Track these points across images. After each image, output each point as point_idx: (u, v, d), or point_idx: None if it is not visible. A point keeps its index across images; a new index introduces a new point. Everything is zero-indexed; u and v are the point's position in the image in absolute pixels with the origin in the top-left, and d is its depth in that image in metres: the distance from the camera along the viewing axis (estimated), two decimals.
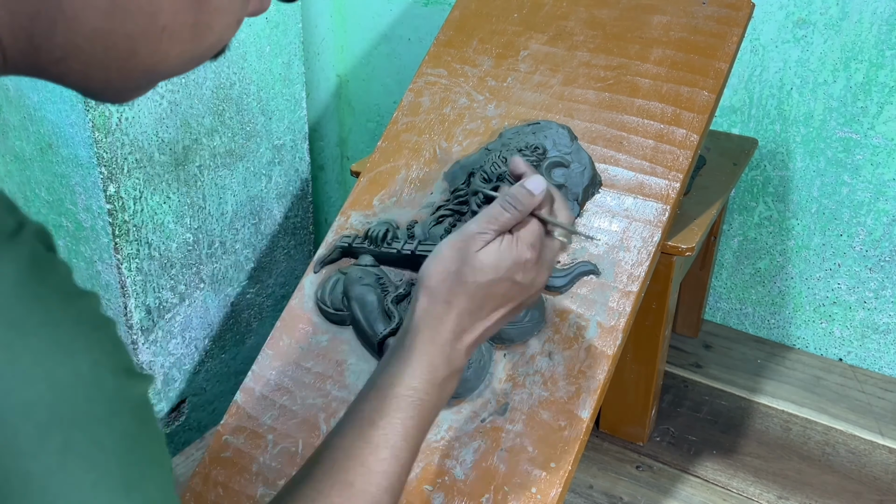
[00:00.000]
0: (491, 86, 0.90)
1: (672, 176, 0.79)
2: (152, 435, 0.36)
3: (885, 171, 1.04)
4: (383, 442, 0.53)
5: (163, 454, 0.37)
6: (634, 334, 0.87)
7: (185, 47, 0.41)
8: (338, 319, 0.80)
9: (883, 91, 1.00)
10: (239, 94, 1.03)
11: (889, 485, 0.92)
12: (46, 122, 0.88)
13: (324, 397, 0.77)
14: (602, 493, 0.92)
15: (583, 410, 0.69)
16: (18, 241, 0.33)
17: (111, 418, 0.34)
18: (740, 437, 1.00)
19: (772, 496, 0.91)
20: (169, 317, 1.02)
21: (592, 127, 0.84)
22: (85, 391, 0.33)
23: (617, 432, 1.00)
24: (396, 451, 0.53)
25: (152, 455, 0.36)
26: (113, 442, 0.33)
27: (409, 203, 0.85)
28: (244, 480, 0.75)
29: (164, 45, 0.40)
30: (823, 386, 1.09)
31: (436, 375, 0.56)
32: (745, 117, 1.11)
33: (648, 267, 0.75)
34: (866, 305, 1.12)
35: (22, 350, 0.31)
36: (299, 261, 1.24)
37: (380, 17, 1.34)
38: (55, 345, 0.32)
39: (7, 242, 0.33)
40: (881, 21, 0.98)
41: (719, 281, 1.22)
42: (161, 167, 0.94)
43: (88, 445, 0.33)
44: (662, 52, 0.86)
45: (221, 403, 1.14)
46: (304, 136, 1.17)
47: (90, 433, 0.33)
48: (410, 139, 0.90)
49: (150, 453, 0.36)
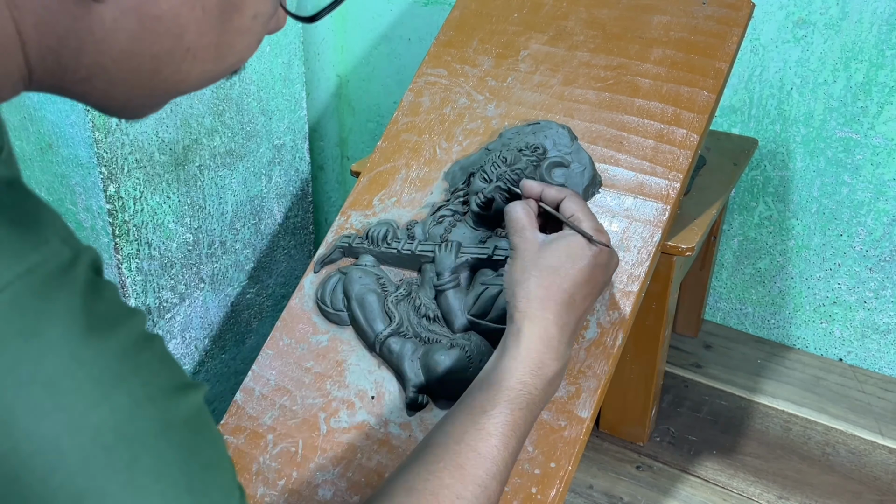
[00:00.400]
0: (491, 86, 0.90)
1: (672, 176, 0.79)
2: (209, 440, 0.39)
3: (885, 171, 1.04)
4: (494, 430, 0.56)
5: (221, 457, 0.39)
6: (634, 334, 0.87)
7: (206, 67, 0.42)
8: (338, 319, 0.80)
9: (883, 91, 1.00)
10: (239, 94, 1.03)
11: (889, 485, 0.92)
12: (46, 122, 0.88)
13: (324, 397, 0.77)
14: (602, 493, 0.92)
15: (583, 410, 0.69)
16: (74, 274, 0.35)
17: (168, 432, 0.36)
18: (740, 437, 1.00)
19: (772, 496, 0.91)
20: (169, 317, 1.02)
21: (592, 127, 0.84)
22: (141, 411, 0.35)
23: (617, 432, 1.00)
24: (506, 440, 0.56)
25: (210, 460, 0.38)
26: (173, 453, 0.36)
27: (408, 203, 0.86)
28: (244, 480, 0.75)
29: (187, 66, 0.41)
30: (823, 386, 1.09)
31: (544, 371, 0.59)
32: (745, 117, 1.11)
33: (648, 267, 0.75)
34: (866, 305, 1.12)
35: (84, 379, 0.34)
36: (299, 261, 1.24)
37: (380, 17, 1.34)
38: (109, 371, 0.35)
39: (64, 277, 0.35)
40: (881, 21, 0.98)
41: (719, 281, 1.22)
42: (161, 167, 0.94)
43: (152, 459, 0.35)
44: (662, 52, 0.86)
45: (221, 403, 1.14)
46: (304, 136, 1.17)
47: (152, 448, 0.35)
48: (410, 139, 0.90)
49: (208, 458, 0.38)
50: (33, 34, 0.37)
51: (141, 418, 0.35)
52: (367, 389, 0.76)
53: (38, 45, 0.37)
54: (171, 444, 0.36)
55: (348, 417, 0.75)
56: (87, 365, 0.34)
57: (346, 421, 0.75)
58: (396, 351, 0.75)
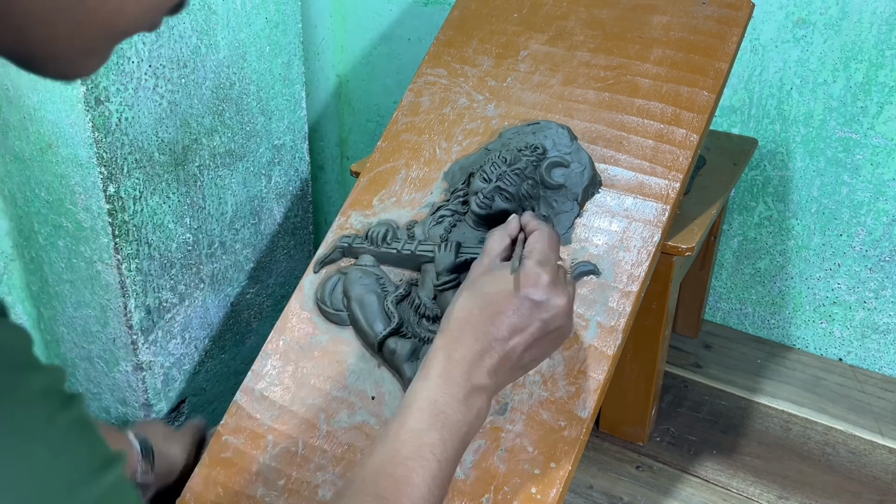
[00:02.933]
0: (491, 86, 0.90)
1: (672, 176, 0.79)
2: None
3: (884, 171, 1.04)
4: (409, 453, 0.54)
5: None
6: (634, 334, 0.87)
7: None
8: (338, 319, 0.80)
9: (883, 91, 1.00)
10: (239, 94, 1.03)
11: (889, 485, 0.92)
12: (46, 122, 0.88)
13: (324, 397, 0.76)
14: (602, 493, 0.92)
15: (583, 410, 0.69)
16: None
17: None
18: (740, 437, 1.00)
19: (772, 496, 0.91)
20: (169, 317, 1.02)
21: (592, 127, 0.84)
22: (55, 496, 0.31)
23: (617, 432, 1.00)
24: (424, 463, 0.53)
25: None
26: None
27: (408, 203, 0.85)
28: (244, 480, 0.75)
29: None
30: (823, 386, 1.09)
31: (455, 390, 0.57)
32: (745, 117, 1.11)
33: (648, 267, 0.75)
34: (866, 305, 1.12)
35: None
36: (299, 261, 1.24)
37: (380, 17, 1.34)
38: (13, 464, 0.30)
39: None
40: (881, 21, 0.98)
41: (719, 281, 1.22)
42: (161, 167, 0.94)
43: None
44: (662, 52, 0.86)
45: (221, 403, 1.14)
46: (303, 136, 1.17)
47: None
48: (410, 139, 0.90)
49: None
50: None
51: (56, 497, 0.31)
52: (367, 389, 0.76)
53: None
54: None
55: (348, 417, 0.75)
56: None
57: (345, 421, 0.75)
58: (396, 351, 0.75)
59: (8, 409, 0.30)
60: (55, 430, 0.32)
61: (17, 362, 0.31)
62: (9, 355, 0.31)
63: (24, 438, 0.30)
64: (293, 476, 0.73)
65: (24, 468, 0.30)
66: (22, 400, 0.31)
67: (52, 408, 0.32)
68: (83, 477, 0.33)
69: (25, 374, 0.31)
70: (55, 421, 0.32)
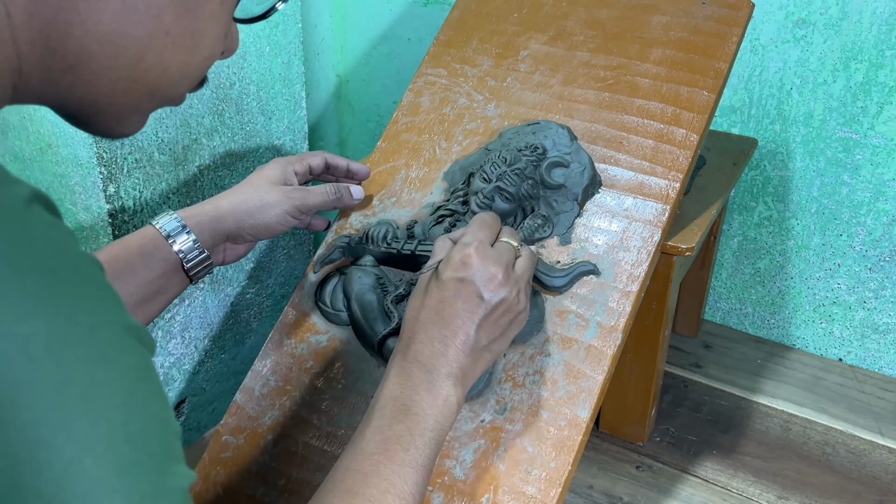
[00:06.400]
0: (491, 86, 0.90)
1: (672, 176, 0.79)
2: (155, 392, 0.35)
3: (884, 171, 1.04)
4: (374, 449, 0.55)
5: (167, 415, 0.35)
6: (634, 334, 0.87)
7: (184, 57, 0.44)
8: (338, 319, 0.80)
9: (883, 91, 1.00)
10: (239, 94, 1.03)
11: (889, 485, 0.92)
12: (46, 122, 0.88)
13: (324, 397, 0.77)
14: (602, 493, 0.92)
15: (583, 410, 0.69)
16: (35, 210, 0.33)
17: (109, 365, 0.33)
18: (740, 437, 1.00)
19: (772, 496, 0.91)
20: (169, 317, 1.02)
21: (592, 127, 0.84)
22: (80, 336, 0.32)
23: (617, 432, 1.00)
24: (390, 455, 0.54)
25: (156, 413, 0.35)
26: (111, 388, 0.33)
27: (408, 203, 0.86)
28: (244, 480, 0.75)
29: (168, 53, 0.43)
30: (823, 386, 1.09)
31: (414, 382, 0.58)
32: (745, 117, 1.11)
33: (648, 267, 0.75)
34: (866, 305, 1.12)
35: (17, 286, 0.31)
36: (299, 261, 1.24)
37: (380, 17, 1.34)
38: (50, 288, 0.32)
39: (27, 208, 0.33)
40: (881, 21, 0.98)
41: (719, 281, 1.22)
42: (161, 167, 0.94)
43: (86, 387, 0.32)
44: (662, 52, 0.86)
45: (221, 403, 1.14)
46: (303, 136, 1.17)
47: (87, 376, 0.32)
48: (410, 139, 0.90)
49: (154, 410, 0.35)
50: (23, 17, 0.38)
51: (79, 344, 0.32)
52: (367, 389, 0.76)
53: (28, 28, 0.38)
54: (111, 379, 0.33)
55: (348, 417, 0.75)
56: (24, 273, 0.31)
57: (345, 421, 0.75)
58: None
59: None
60: (92, 290, 0.34)
61: (73, 251, 0.34)
62: (66, 242, 0.34)
63: (70, 287, 0.33)
64: (293, 476, 0.73)
65: (64, 308, 0.32)
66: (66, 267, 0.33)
67: (88, 277, 0.35)
68: (122, 327, 0.35)
69: (82, 260, 0.34)
70: (89, 283, 0.34)
